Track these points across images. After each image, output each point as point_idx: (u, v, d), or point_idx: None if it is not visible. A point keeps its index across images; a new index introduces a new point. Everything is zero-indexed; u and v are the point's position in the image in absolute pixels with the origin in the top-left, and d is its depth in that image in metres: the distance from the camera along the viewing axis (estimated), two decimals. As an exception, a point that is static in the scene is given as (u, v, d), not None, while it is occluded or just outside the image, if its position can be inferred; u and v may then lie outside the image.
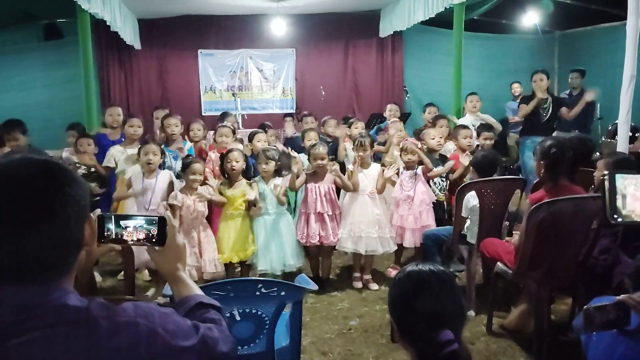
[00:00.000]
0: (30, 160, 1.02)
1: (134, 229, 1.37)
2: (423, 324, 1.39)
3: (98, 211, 1.37)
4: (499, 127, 6.48)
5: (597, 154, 5.33)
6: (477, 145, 5.09)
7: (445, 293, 1.43)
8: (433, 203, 4.57)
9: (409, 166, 4.51)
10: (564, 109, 5.95)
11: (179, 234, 1.43)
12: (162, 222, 1.37)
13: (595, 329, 1.71)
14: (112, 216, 1.36)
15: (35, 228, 0.96)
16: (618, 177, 1.09)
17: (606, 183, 1.10)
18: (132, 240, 1.37)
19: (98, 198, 4.42)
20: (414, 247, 4.49)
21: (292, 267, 4.23)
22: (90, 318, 0.99)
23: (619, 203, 1.09)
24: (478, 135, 5.16)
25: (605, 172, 1.29)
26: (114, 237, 1.35)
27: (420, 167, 4.51)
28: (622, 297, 1.68)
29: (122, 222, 1.36)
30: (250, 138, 5.16)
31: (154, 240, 1.37)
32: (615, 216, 1.09)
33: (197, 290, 1.38)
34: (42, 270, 0.99)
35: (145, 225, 1.37)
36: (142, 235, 1.37)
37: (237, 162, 4.15)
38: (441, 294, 1.42)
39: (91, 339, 0.97)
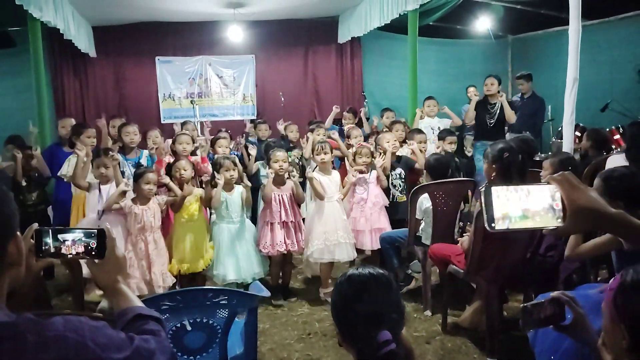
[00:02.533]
0: None
1: (73, 242, 1.36)
2: (362, 326, 1.43)
3: (35, 225, 1.36)
4: (458, 121, 6.64)
5: (549, 153, 5.52)
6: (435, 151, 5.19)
7: (383, 295, 1.48)
8: (393, 204, 4.65)
9: (362, 170, 4.57)
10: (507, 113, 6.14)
11: (119, 246, 1.43)
12: (101, 234, 1.37)
13: (532, 326, 1.77)
14: (50, 230, 1.35)
15: None
16: (493, 189, 1.17)
17: (482, 196, 1.17)
18: (70, 254, 1.36)
19: (44, 210, 4.37)
20: (371, 249, 4.55)
21: (260, 274, 4.15)
22: (18, 333, 0.98)
23: (495, 213, 1.16)
24: (442, 139, 5.25)
25: (482, 186, 1.37)
26: (52, 251, 1.34)
27: (373, 171, 4.58)
28: (556, 293, 1.74)
29: (60, 236, 1.35)
30: (213, 143, 5.17)
31: (93, 253, 1.37)
32: (493, 225, 1.16)
33: (136, 302, 1.38)
34: None
35: (84, 238, 1.37)
36: (81, 249, 1.37)
37: (185, 170, 4.13)
38: (379, 296, 1.47)
39: (18, 355, 0.96)
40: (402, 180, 4.79)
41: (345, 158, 5.40)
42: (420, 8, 6.23)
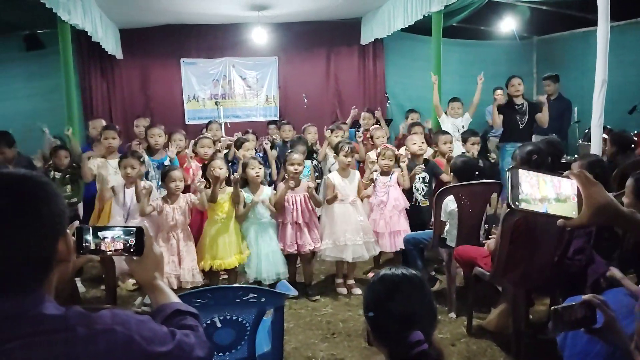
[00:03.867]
0: (1, 179, 1.05)
1: (112, 239, 1.40)
2: (394, 326, 1.44)
3: (76, 223, 1.40)
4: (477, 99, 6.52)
5: (575, 156, 5.45)
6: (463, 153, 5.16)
7: (416, 296, 1.49)
8: (415, 207, 4.65)
9: (384, 171, 4.57)
10: (539, 115, 6.06)
11: (157, 244, 1.47)
12: (139, 232, 1.41)
13: (563, 328, 1.76)
14: (90, 228, 1.39)
15: None
16: (520, 171, 1.23)
17: (509, 175, 1.24)
18: (110, 251, 1.40)
19: (75, 205, 4.46)
20: (392, 251, 4.55)
21: (285, 274, 4.23)
22: (68, 326, 1.02)
23: (520, 194, 1.23)
24: (465, 141, 5.22)
25: (510, 166, 1.44)
26: (92, 248, 1.38)
27: (395, 174, 4.58)
28: (587, 296, 1.74)
29: (100, 233, 1.39)
30: (238, 146, 5.22)
31: (131, 250, 1.41)
32: (517, 203, 1.22)
33: (174, 298, 1.41)
34: (11, 284, 1.02)
35: (123, 236, 1.41)
36: (120, 246, 1.40)
37: (220, 169, 4.19)
38: (412, 297, 1.48)
39: (68, 346, 1.00)
40: (426, 184, 4.78)
41: (363, 162, 5.43)
42: (445, 9, 6.20)
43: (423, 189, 4.76)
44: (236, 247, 4.18)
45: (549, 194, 1.23)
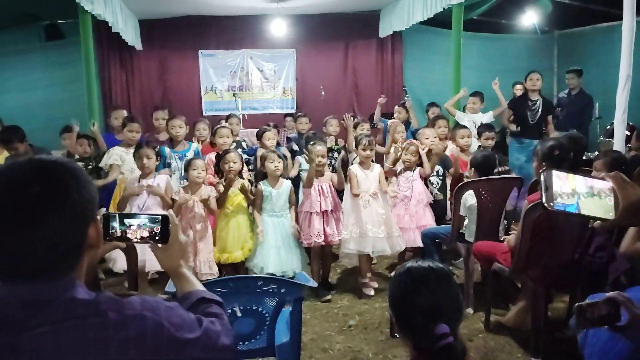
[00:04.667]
0: (32, 166, 1.06)
1: (138, 227, 1.41)
2: (420, 318, 1.44)
3: (103, 210, 1.41)
4: (504, 103, 6.44)
5: (596, 153, 5.37)
6: (479, 146, 5.13)
7: (442, 288, 1.48)
8: (432, 202, 4.62)
9: (407, 166, 4.55)
10: (550, 118, 5.98)
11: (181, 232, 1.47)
12: (165, 220, 1.41)
13: (586, 325, 1.74)
14: (117, 215, 1.41)
15: (29, 231, 1.00)
16: (554, 172, 1.23)
17: (543, 177, 1.23)
18: (136, 238, 1.42)
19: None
20: (412, 247, 4.53)
21: (299, 269, 4.19)
22: (99, 311, 1.03)
23: (554, 194, 1.22)
24: (479, 135, 5.19)
25: (543, 167, 1.43)
26: (118, 235, 1.40)
27: (418, 168, 4.55)
28: (612, 293, 1.72)
29: (126, 221, 1.40)
30: (259, 136, 5.21)
31: (157, 237, 1.42)
32: (552, 204, 1.21)
33: (199, 285, 1.42)
34: (44, 269, 1.03)
35: (148, 224, 1.42)
36: (145, 233, 1.42)
37: (234, 163, 4.19)
38: (438, 290, 1.47)
39: (100, 331, 1.01)
40: (440, 178, 4.75)
41: (384, 155, 5.41)
42: (465, 2, 6.13)
43: (437, 183, 4.73)
44: (244, 241, 4.19)
45: (580, 189, 1.23)
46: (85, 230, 1.09)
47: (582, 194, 1.23)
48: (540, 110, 5.98)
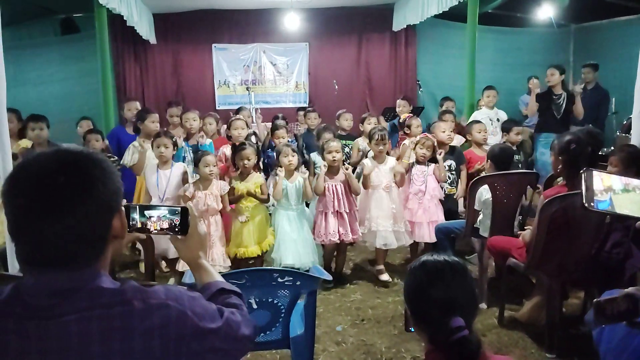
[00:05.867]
0: (58, 157, 1.07)
1: (158, 218, 1.43)
2: (435, 311, 1.44)
3: (123, 201, 1.43)
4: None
5: (612, 148, 5.31)
6: (504, 142, 5.10)
7: (458, 282, 1.48)
8: (441, 199, 4.62)
9: (421, 161, 4.54)
10: (573, 107, 5.92)
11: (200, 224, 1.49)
12: (184, 212, 1.43)
13: (605, 321, 1.74)
14: (137, 206, 1.42)
15: (54, 220, 1.01)
16: (595, 172, 1.22)
17: (584, 176, 1.23)
18: (156, 230, 1.43)
19: None
20: (424, 242, 4.54)
21: (315, 262, 4.23)
22: (125, 300, 1.05)
23: (595, 194, 1.22)
24: (507, 130, 5.14)
25: (584, 168, 1.41)
26: (139, 226, 1.41)
27: (433, 165, 4.54)
28: (631, 289, 1.71)
29: (146, 212, 1.42)
30: (272, 131, 5.23)
31: (176, 229, 1.44)
32: (592, 204, 1.21)
33: (218, 277, 1.44)
34: (69, 258, 1.04)
35: (168, 215, 1.43)
36: (165, 225, 1.43)
37: (248, 159, 4.21)
38: (453, 283, 1.48)
39: (125, 319, 1.03)
40: (453, 172, 4.73)
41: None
42: (481, -5, 6.09)
43: (450, 177, 4.72)
44: (260, 236, 4.21)
45: (615, 185, 1.22)
46: (109, 221, 1.11)
47: (617, 187, 1.22)
48: (564, 104, 5.92)
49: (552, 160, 3.19)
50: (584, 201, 1.22)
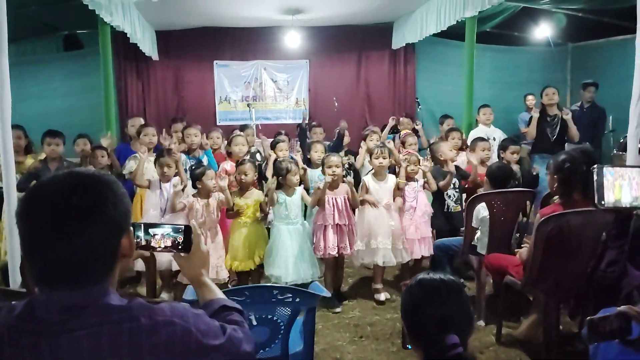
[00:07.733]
0: (71, 179, 1.12)
1: (162, 236, 1.47)
2: (431, 328, 1.48)
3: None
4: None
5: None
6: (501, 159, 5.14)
7: (453, 300, 1.52)
8: (447, 213, 4.65)
9: (410, 177, 4.57)
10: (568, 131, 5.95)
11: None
12: (187, 230, 1.47)
13: (598, 339, 1.77)
14: (142, 224, 1.47)
15: (66, 240, 1.06)
16: (605, 169, 1.26)
17: (594, 175, 1.26)
18: (159, 247, 1.48)
19: None
20: (420, 257, 4.55)
21: (315, 276, 4.26)
22: (132, 317, 1.09)
23: (606, 192, 1.26)
24: (504, 149, 5.16)
25: (594, 166, 1.43)
26: (143, 244, 1.46)
27: (422, 180, 4.58)
28: (623, 307, 1.74)
29: (150, 230, 1.46)
30: (273, 146, 5.28)
31: (180, 247, 1.48)
32: (603, 202, 1.25)
33: (220, 294, 1.48)
34: (80, 276, 1.09)
35: (172, 233, 1.48)
36: (169, 243, 1.47)
37: (246, 175, 4.27)
38: (449, 301, 1.52)
39: (133, 336, 1.07)
40: (457, 190, 4.77)
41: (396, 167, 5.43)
42: (478, 14, 6.17)
43: (454, 195, 4.75)
44: (257, 252, 4.27)
45: (626, 177, 1.23)
46: (119, 241, 1.15)
47: (629, 191, 1.25)
48: (559, 125, 5.93)
49: (548, 179, 3.23)
50: (596, 200, 1.26)
